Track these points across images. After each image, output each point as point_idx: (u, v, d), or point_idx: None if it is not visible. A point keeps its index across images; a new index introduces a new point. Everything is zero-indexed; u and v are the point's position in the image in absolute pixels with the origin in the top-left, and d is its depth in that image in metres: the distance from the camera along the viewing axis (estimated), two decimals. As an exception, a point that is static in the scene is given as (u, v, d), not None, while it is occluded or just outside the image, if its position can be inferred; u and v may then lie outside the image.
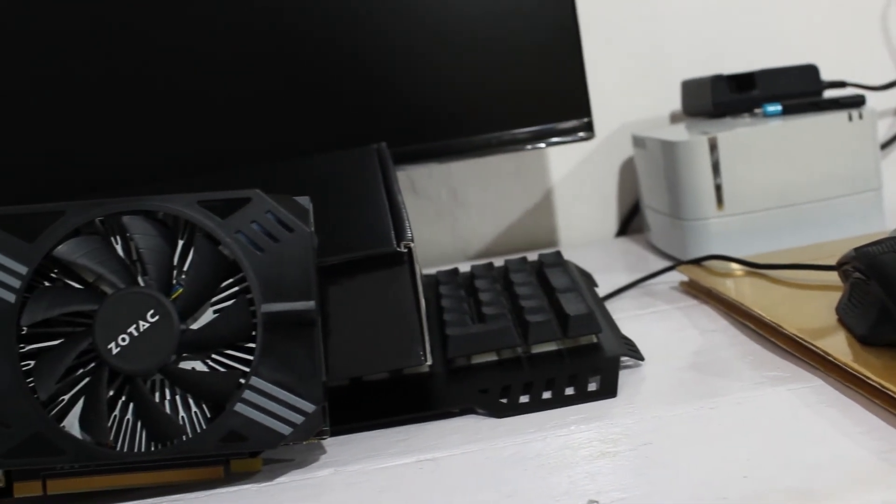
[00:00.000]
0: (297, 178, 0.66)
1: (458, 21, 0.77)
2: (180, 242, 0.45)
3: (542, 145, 0.78)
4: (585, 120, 0.78)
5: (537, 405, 0.50)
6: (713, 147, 0.72)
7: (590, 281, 0.69)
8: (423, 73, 0.77)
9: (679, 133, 0.79)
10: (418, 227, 0.93)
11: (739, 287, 0.61)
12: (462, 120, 0.78)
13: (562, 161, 0.95)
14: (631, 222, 0.95)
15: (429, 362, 0.50)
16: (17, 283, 0.44)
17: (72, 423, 0.44)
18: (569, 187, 0.95)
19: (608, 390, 0.50)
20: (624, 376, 0.52)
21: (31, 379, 0.44)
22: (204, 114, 0.77)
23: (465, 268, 0.78)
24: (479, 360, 0.55)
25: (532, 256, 0.71)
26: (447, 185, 0.93)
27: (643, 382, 0.51)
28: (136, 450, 0.44)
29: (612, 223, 0.96)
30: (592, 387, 0.51)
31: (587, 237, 0.96)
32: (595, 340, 0.55)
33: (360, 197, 0.59)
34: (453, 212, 0.93)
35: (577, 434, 0.45)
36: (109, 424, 0.44)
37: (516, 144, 0.78)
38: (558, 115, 0.78)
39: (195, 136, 0.77)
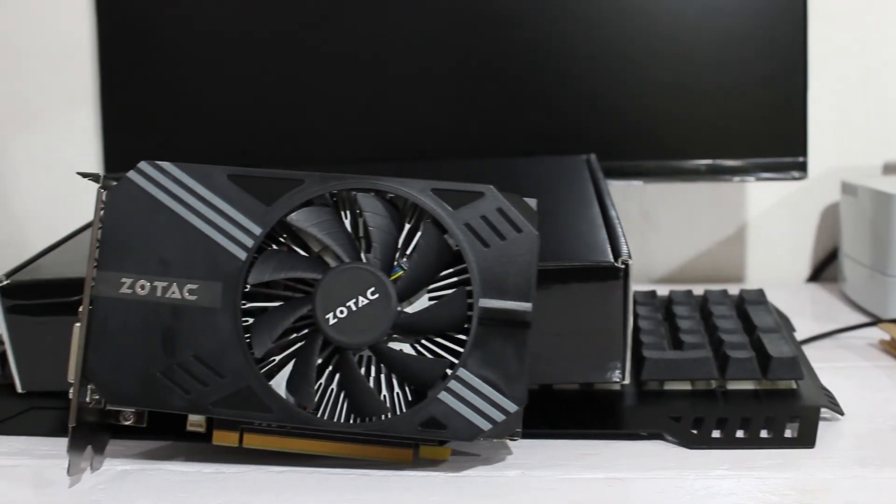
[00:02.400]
0: (506, 178, 0.66)
1: (683, 43, 0.76)
2: (407, 226, 0.46)
3: (751, 179, 0.77)
4: (800, 159, 0.76)
5: (730, 443, 0.49)
6: (934, 205, 0.69)
7: (788, 325, 0.67)
8: (640, 91, 0.77)
9: (896, 186, 0.76)
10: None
11: (950, 355, 0.59)
12: (672, 142, 0.77)
13: (761, 196, 0.92)
14: (825, 269, 0.92)
15: (626, 381, 0.50)
16: (249, 243, 0.45)
17: (279, 384, 0.46)
18: (764, 224, 0.92)
19: (806, 440, 0.48)
20: (821, 428, 0.50)
21: (249, 335, 0.45)
22: (418, 108, 0.79)
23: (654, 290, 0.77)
24: (671, 386, 0.54)
25: (732, 290, 0.69)
26: (640, 205, 0.92)
27: (842, 438, 0.49)
28: (335, 420, 0.45)
29: (805, 267, 0.93)
30: (788, 433, 0.49)
31: (776, 278, 0.93)
32: (794, 386, 0.53)
33: (571, 205, 0.59)
34: (643, 233, 0.92)
35: (771, 479, 0.44)
36: (314, 390, 0.45)
37: (725, 174, 0.77)
38: (772, 150, 0.76)
39: (405, 126, 0.79)
